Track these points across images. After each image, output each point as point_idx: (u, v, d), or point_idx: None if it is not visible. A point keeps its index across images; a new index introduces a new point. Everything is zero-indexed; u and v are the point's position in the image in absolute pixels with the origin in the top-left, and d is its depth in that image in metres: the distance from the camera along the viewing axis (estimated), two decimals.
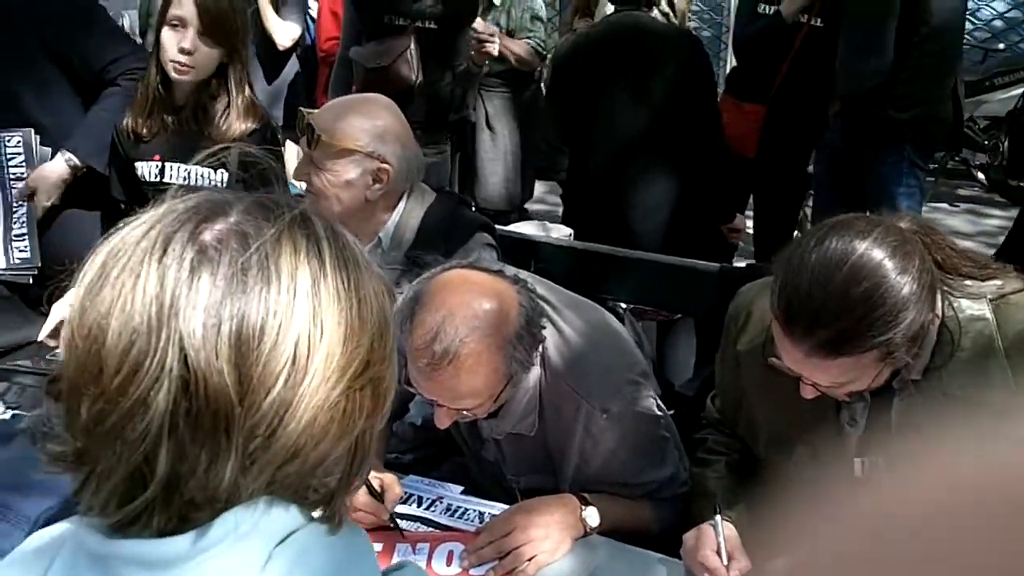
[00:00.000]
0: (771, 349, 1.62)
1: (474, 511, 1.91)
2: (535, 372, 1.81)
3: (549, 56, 4.26)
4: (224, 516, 0.74)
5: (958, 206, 7.02)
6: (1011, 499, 0.31)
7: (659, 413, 1.90)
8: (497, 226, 2.49)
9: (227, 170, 2.56)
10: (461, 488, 1.98)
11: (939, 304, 1.57)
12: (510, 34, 4.48)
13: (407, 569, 0.84)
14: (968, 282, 1.62)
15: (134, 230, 0.76)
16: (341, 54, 3.80)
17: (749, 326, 1.80)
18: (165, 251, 0.74)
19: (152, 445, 0.72)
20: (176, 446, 0.72)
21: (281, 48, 4.09)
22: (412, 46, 3.49)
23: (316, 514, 0.78)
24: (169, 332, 0.72)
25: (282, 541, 0.74)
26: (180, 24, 2.56)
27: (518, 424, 1.85)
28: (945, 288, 1.59)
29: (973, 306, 1.61)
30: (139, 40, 4.16)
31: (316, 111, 2.28)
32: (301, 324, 0.75)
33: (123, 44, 2.96)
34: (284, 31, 4.09)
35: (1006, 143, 4.56)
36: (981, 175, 7.07)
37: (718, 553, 1.68)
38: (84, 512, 0.76)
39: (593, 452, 1.84)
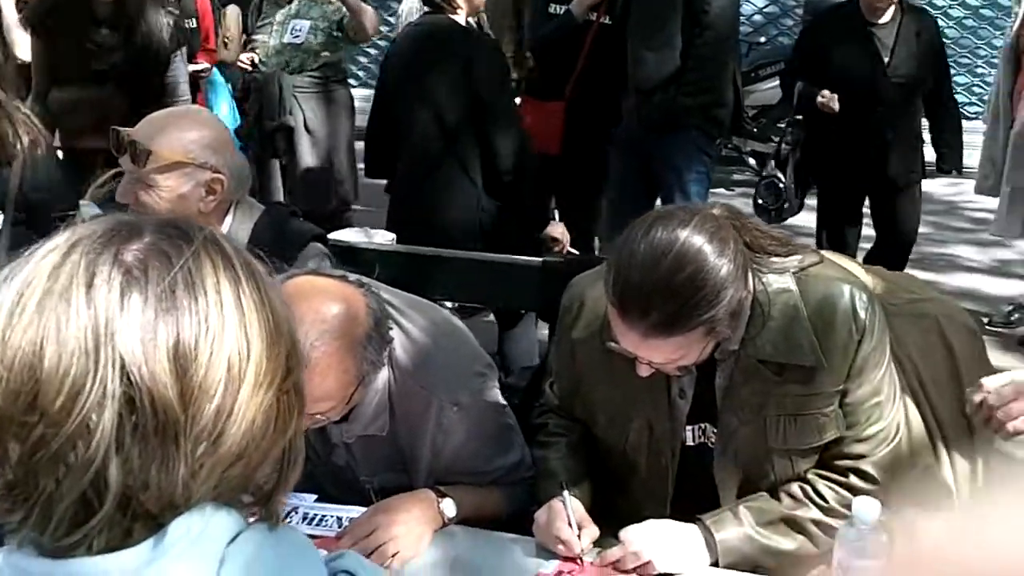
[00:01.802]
0: (608, 334, 1.75)
1: (332, 516, 1.94)
2: (384, 373, 1.86)
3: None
4: (177, 522, 0.77)
5: (734, 190, 7.57)
6: None
7: (504, 402, 2.00)
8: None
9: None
10: (315, 496, 2.01)
11: (750, 280, 1.75)
12: None
13: (347, 555, 0.90)
14: (773, 259, 1.79)
15: (45, 258, 0.78)
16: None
17: (583, 315, 1.92)
18: (93, 275, 0.77)
19: (101, 464, 0.74)
20: (125, 462, 0.75)
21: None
22: None
23: (252, 516, 0.82)
24: (108, 353, 0.75)
25: (231, 542, 0.79)
26: None
27: (370, 426, 1.89)
28: (754, 266, 1.77)
29: (779, 280, 1.79)
30: None
31: (133, 128, 2.23)
32: (231, 335, 0.79)
33: None
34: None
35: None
36: (752, 160, 7.60)
37: (569, 525, 1.79)
38: (20, 541, 0.77)
39: (445, 445, 1.91)
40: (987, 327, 4.78)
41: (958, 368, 2.17)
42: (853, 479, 1.83)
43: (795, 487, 1.84)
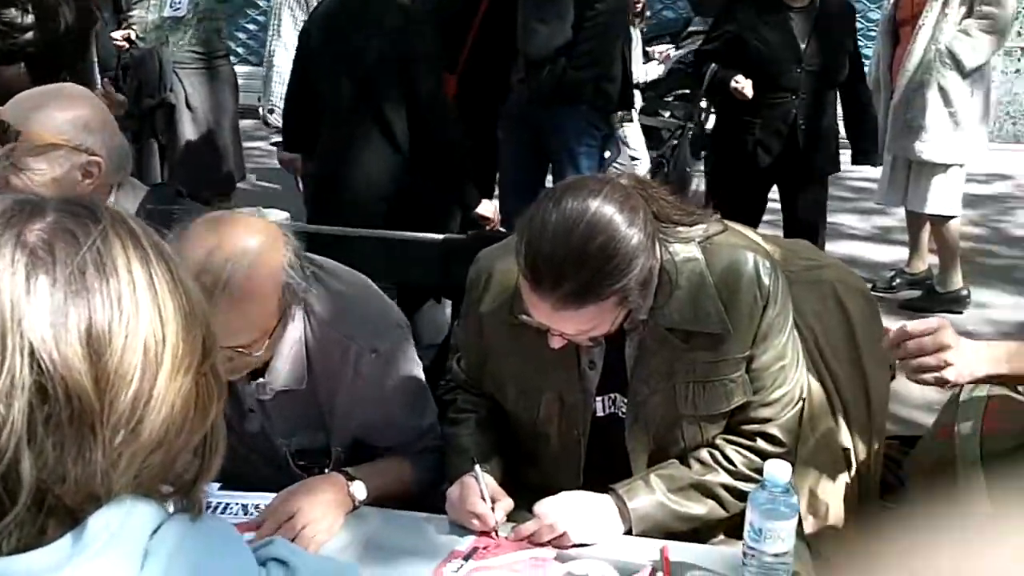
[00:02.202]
0: (519, 307, 1.73)
1: (236, 504, 1.89)
2: (300, 324, 1.85)
3: None
4: (95, 516, 0.72)
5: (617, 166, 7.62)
6: None
7: (419, 362, 2.00)
8: None
9: None
10: (218, 484, 1.95)
11: (658, 250, 1.75)
12: None
13: (276, 542, 0.85)
14: (679, 228, 1.80)
15: None
16: None
17: (490, 288, 1.90)
18: None
19: (12, 459, 0.69)
20: (39, 455, 0.70)
21: None
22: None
23: (171, 507, 0.78)
24: (15, 340, 0.69)
25: (152, 535, 0.74)
26: None
27: (288, 378, 1.87)
28: (661, 235, 1.77)
29: (685, 249, 1.80)
30: None
31: (2, 108, 2.11)
32: (146, 318, 0.75)
33: None
34: None
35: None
36: None
37: (483, 499, 1.78)
38: None
39: (363, 394, 1.90)
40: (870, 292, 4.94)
41: (854, 332, 2.22)
42: (760, 443, 1.86)
43: (704, 453, 1.86)
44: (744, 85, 4.34)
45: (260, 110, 4.78)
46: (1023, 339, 1.96)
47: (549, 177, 4.52)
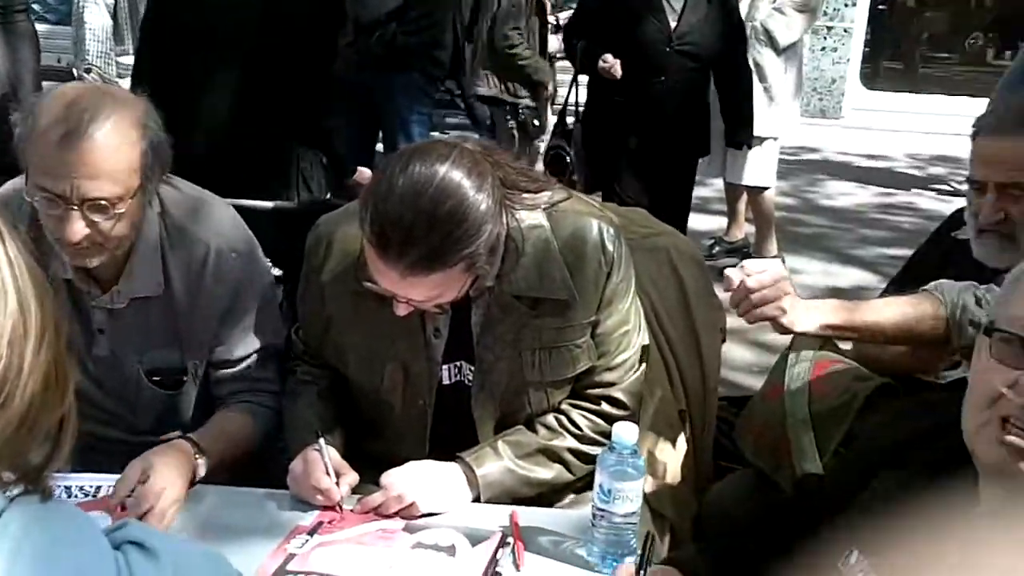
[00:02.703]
0: (364, 274, 1.68)
1: (74, 487, 1.77)
2: (156, 229, 1.88)
3: None
4: None
5: (448, 133, 7.61)
6: None
7: (275, 283, 2.03)
8: None
9: None
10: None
11: (505, 216, 1.74)
12: None
13: (130, 524, 0.79)
14: (524, 195, 1.79)
15: None
16: None
17: (331, 256, 1.84)
18: None
19: None
20: None
21: None
22: None
23: (15, 491, 0.72)
24: None
25: None
26: None
27: (144, 285, 1.87)
28: (507, 202, 1.76)
29: (531, 216, 1.79)
30: None
31: None
32: (12, 292, 0.71)
33: None
34: None
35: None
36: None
37: (327, 474, 1.73)
38: None
39: (220, 294, 1.92)
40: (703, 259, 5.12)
41: (687, 298, 2.29)
42: (605, 406, 1.88)
43: (550, 418, 1.87)
44: (612, 64, 4.16)
45: (74, 70, 4.47)
46: None
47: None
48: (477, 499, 1.79)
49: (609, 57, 4.20)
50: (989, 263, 1.95)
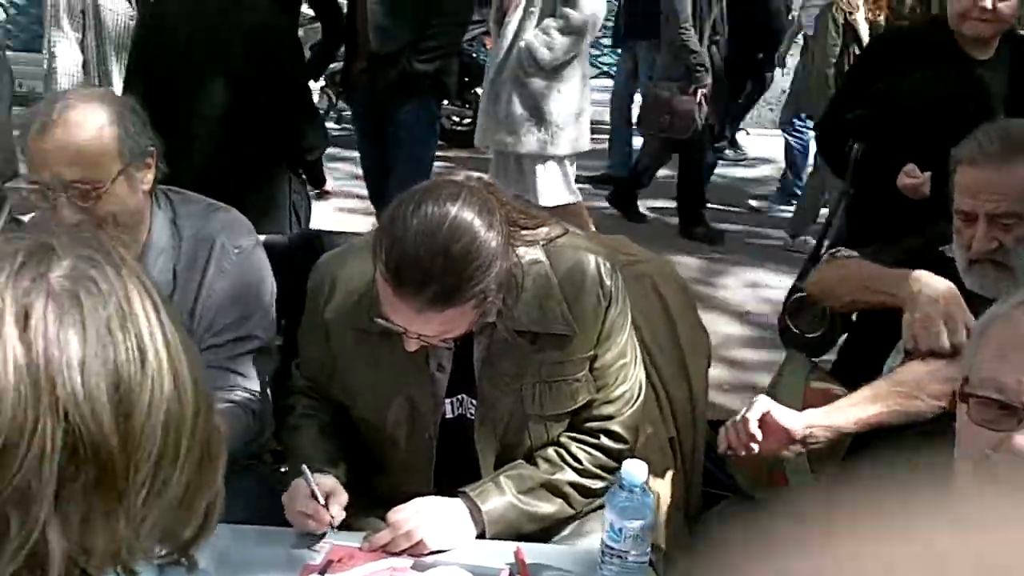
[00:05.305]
0: (375, 310, 1.70)
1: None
2: (166, 235, 2.00)
3: None
4: None
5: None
6: None
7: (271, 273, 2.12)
8: None
9: None
10: None
11: (510, 252, 1.76)
12: None
13: None
14: (523, 232, 1.82)
15: None
16: None
17: (335, 295, 1.86)
18: (26, 309, 0.66)
19: (42, 532, 0.63)
20: (65, 524, 0.64)
21: None
22: None
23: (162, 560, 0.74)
24: (48, 399, 0.64)
25: None
26: None
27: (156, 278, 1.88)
28: (510, 239, 1.78)
29: (530, 251, 1.82)
30: None
31: None
32: (168, 372, 0.70)
33: None
34: None
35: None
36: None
37: (314, 498, 1.73)
38: None
39: (220, 285, 2.02)
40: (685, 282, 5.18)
41: (674, 323, 2.33)
42: (604, 439, 1.91)
43: (551, 452, 1.90)
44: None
45: None
46: None
47: None
48: (482, 535, 1.80)
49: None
50: (986, 294, 1.87)
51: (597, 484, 1.89)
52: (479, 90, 5.69)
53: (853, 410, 1.88)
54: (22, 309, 0.66)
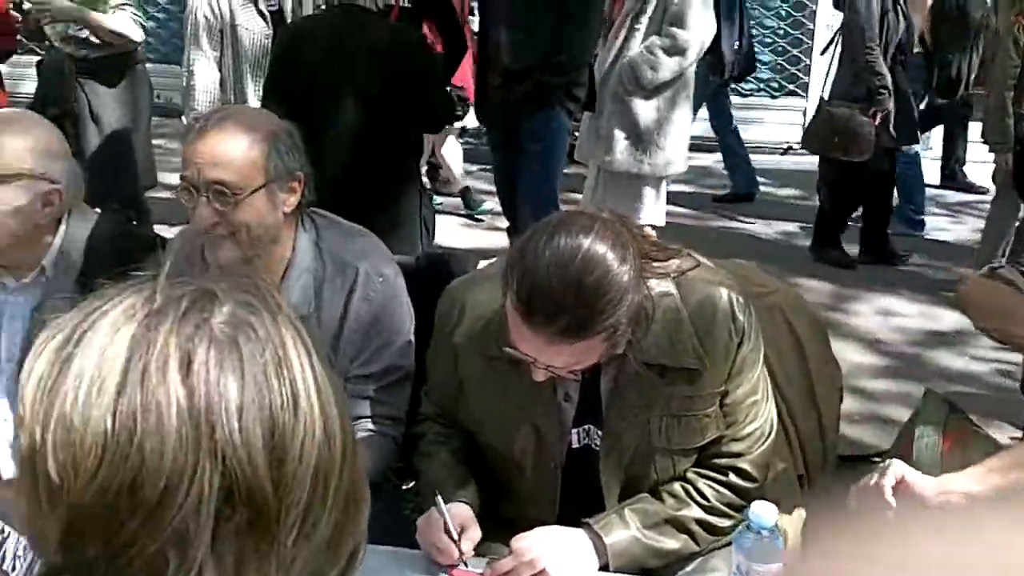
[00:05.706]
0: (504, 339, 1.71)
1: None
2: (309, 256, 2.06)
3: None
4: None
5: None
6: None
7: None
8: None
9: None
10: None
11: (642, 286, 1.75)
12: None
13: None
14: (654, 264, 1.80)
15: (120, 327, 0.69)
16: None
17: (464, 321, 1.88)
18: (190, 353, 0.68)
19: (199, 571, 0.66)
20: (218, 563, 0.67)
21: None
22: None
23: None
24: (207, 444, 0.67)
25: None
26: None
27: (297, 303, 1.99)
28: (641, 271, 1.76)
29: (660, 284, 1.80)
30: None
31: None
32: (319, 417, 0.72)
33: None
34: None
35: None
36: None
37: (447, 531, 1.75)
38: None
39: (366, 312, 2.07)
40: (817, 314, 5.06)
41: (805, 356, 2.27)
42: (732, 477, 1.88)
43: (677, 487, 1.87)
44: None
45: (183, 118, 4.56)
46: None
47: None
48: (604, 567, 1.79)
49: None
50: None
51: (724, 522, 1.85)
52: None
53: (991, 477, 1.79)
54: (185, 354, 0.68)
